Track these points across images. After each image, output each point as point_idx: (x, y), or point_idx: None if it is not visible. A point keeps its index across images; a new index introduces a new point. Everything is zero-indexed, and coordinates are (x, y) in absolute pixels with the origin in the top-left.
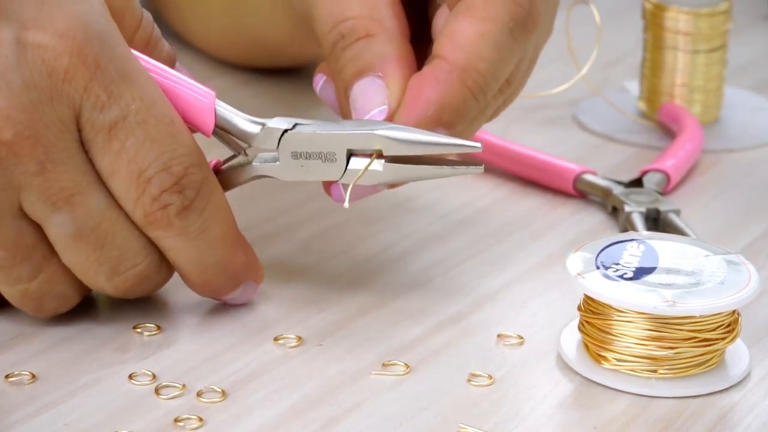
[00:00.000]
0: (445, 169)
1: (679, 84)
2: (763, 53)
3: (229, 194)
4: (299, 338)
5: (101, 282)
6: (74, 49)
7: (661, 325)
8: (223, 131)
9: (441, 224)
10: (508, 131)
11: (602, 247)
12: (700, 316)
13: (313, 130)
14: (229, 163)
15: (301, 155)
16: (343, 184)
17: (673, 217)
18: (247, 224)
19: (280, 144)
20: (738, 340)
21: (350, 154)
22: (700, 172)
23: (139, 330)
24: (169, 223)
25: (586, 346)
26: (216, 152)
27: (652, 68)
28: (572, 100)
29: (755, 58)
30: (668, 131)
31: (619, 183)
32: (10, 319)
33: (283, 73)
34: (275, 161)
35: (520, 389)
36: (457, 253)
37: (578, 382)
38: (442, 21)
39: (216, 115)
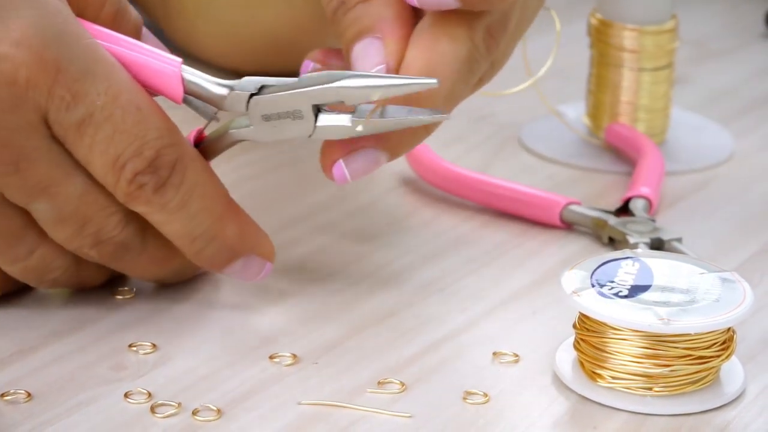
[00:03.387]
0: (411, 119)
1: (624, 101)
2: (736, 80)
3: None
4: (294, 356)
5: (85, 251)
6: (32, 57)
7: (657, 342)
8: (193, 97)
9: (436, 242)
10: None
11: (597, 265)
12: (695, 334)
13: (277, 91)
14: (209, 134)
15: (271, 117)
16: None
17: (677, 246)
18: None
19: (249, 108)
20: (733, 358)
21: (318, 110)
22: (671, 193)
23: (134, 348)
24: (148, 200)
25: (582, 364)
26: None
27: (598, 85)
28: (518, 123)
29: (729, 87)
30: (616, 152)
31: (608, 212)
32: (6, 338)
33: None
34: (249, 126)
35: (516, 407)
36: (453, 271)
37: (574, 400)
38: None
39: (184, 82)
